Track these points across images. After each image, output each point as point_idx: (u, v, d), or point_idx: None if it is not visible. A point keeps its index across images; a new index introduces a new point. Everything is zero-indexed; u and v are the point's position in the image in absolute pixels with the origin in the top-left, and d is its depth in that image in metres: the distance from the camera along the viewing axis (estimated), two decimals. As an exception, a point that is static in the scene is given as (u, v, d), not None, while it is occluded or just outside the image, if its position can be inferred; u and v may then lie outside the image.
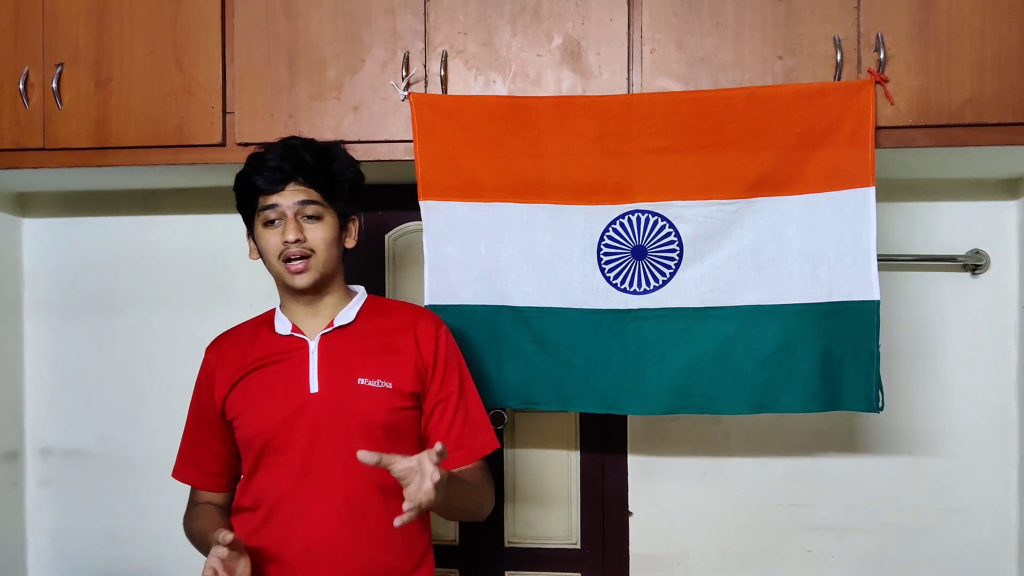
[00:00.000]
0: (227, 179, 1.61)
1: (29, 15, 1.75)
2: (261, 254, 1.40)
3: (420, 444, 1.42)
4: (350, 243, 1.45)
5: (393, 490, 1.31)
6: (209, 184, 2.05)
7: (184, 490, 1.51)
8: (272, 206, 1.35)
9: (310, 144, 1.40)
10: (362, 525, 1.32)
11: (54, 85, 1.72)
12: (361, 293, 1.47)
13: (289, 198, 1.35)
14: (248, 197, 1.39)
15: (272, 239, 1.36)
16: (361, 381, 1.36)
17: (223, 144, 1.72)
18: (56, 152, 1.75)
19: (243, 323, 1.50)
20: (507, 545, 2.09)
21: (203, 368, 1.46)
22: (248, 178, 1.37)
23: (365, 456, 1.15)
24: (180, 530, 1.47)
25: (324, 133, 1.68)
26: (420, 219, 1.69)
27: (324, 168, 1.38)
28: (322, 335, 1.39)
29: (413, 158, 1.66)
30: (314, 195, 1.36)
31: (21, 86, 1.73)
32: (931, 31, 1.58)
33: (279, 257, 1.36)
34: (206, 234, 2.15)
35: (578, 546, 2.08)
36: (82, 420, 2.19)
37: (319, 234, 1.36)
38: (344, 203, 1.41)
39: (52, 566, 2.21)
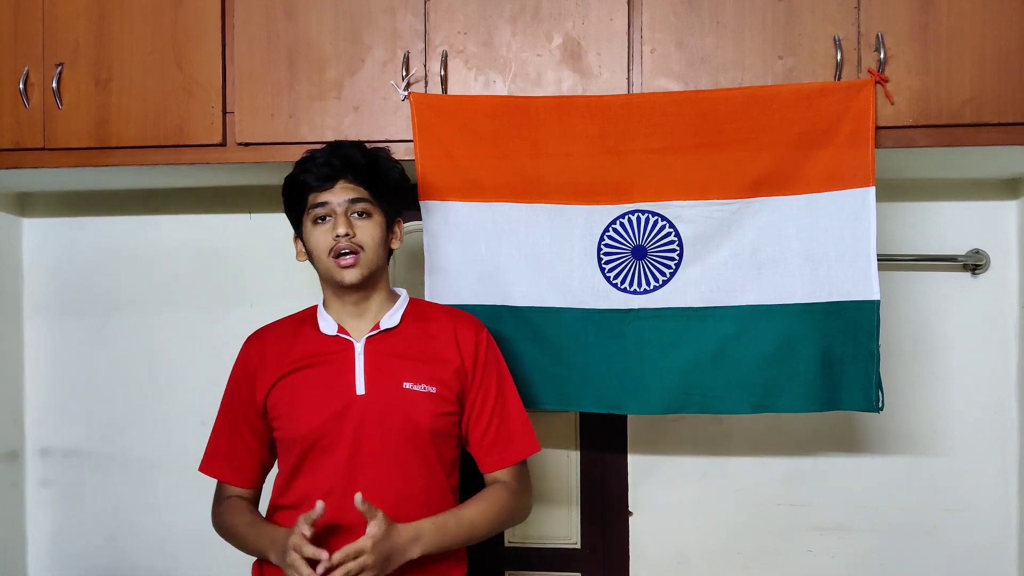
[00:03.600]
0: (227, 179, 1.62)
1: (29, 15, 1.75)
2: (310, 252, 1.41)
3: (459, 448, 1.45)
4: (396, 244, 1.46)
5: (436, 492, 1.37)
6: (209, 184, 2.05)
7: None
8: (322, 203, 1.37)
9: (358, 144, 1.42)
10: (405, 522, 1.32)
11: (54, 85, 1.72)
12: (404, 296, 1.48)
13: (340, 195, 1.36)
14: (298, 197, 1.40)
15: (322, 236, 1.37)
16: (407, 385, 1.37)
17: (223, 144, 1.72)
18: (56, 152, 1.75)
19: (284, 319, 1.49)
20: (507, 545, 2.09)
21: (242, 362, 1.45)
22: (297, 178, 1.39)
23: (360, 502, 1.24)
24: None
25: (324, 133, 1.69)
26: (420, 219, 1.69)
27: (372, 167, 1.39)
28: (368, 337, 1.40)
29: (413, 158, 1.66)
30: (363, 193, 1.38)
31: (21, 86, 1.73)
32: (931, 31, 1.58)
33: (329, 253, 1.36)
34: (206, 234, 2.15)
35: (578, 546, 2.08)
36: (82, 420, 2.19)
37: (369, 231, 1.38)
38: (390, 203, 1.43)
39: (52, 566, 2.21)
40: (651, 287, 1.65)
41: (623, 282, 1.66)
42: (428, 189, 1.67)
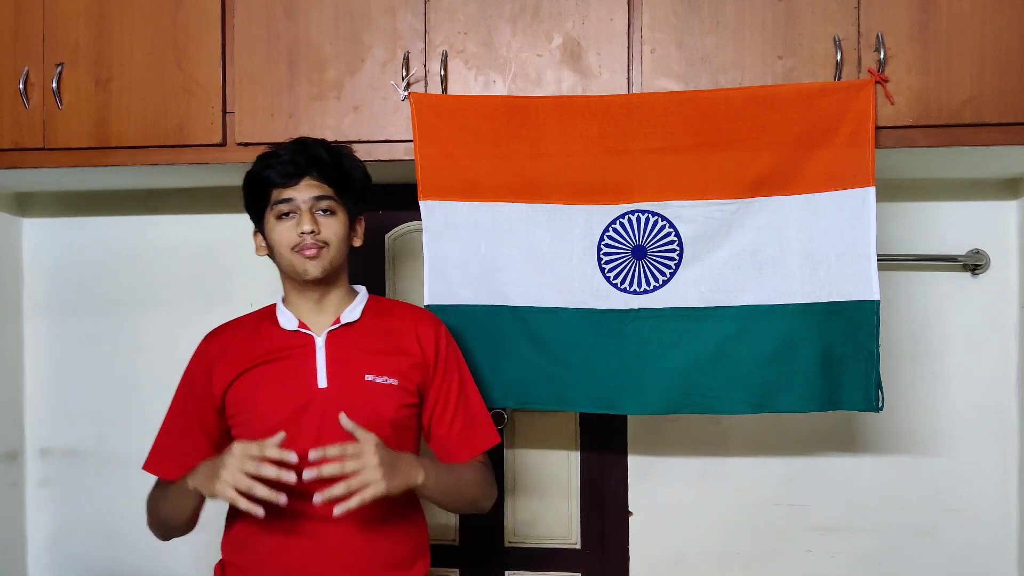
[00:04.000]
0: (227, 179, 1.62)
1: (29, 15, 1.75)
2: (272, 248, 1.40)
3: (420, 440, 1.46)
4: (357, 242, 1.47)
5: None
6: (209, 184, 2.05)
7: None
8: (287, 200, 1.37)
9: (322, 142, 1.43)
10: (368, 517, 1.33)
11: (54, 85, 1.72)
12: (363, 292, 1.49)
13: (304, 192, 1.37)
14: (260, 192, 1.39)
15: (286, 232, 1.37)
16: (368, 377, 1.38)
17: (223, 144, 1.72)
18: (56, 152, 1.75)
19: (243, 316, 1.49)
20: (507, 545, 2.09)
21: (199, 359, 1.44)
22: (260, 173, 1.39)
23: (346, 421, 1.24)
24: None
25: (324, 133, 1.68)
26: (420, 219, 1.69)
27: (336, 165, 1.40)
28: (329, 331, 1.41)
29: (413, 158, 1.66)
30: (328, 191, 1.38)
31: (21, 86, 1.73)
32: (931, 31, 1.58)
33: (293, 248, 1.37)
34: (206, 234, 2.15)
35: (578, 546, 2.08)
36: (82, 420, 2.19)
37: (333, 228, 1.39)
38: (353, 201, 1.44)
39: (52, 566, 2.22)
40: (651, 287, 1.65)
41: (623, 282, 1.66)
42: (428, 189, 1.67)
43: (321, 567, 1.33)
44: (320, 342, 1.39)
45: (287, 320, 1.42)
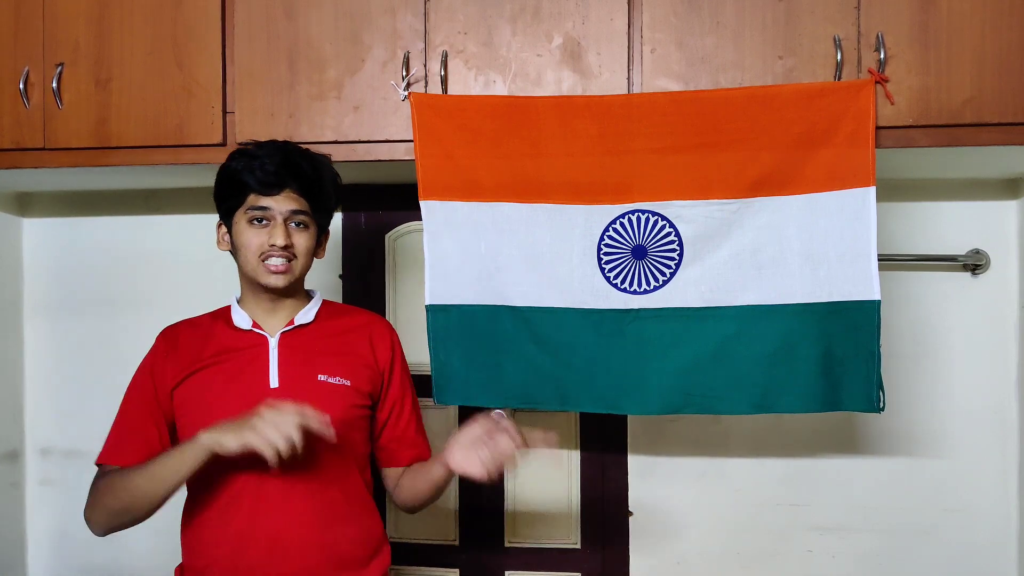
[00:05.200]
0: (227, 179, 1.61)
1: (29, 15, 1.75)
2: (238, 248, 1.40)
3: (370, 443, 1.48)
4: (321, 254, 1.48)
5: (349, 482, 1.40)
6: (209, 184, 2.03)
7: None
8: (263, 208, 1.37)
9: (305, 153, 1.42)
10: (322, 516, 1.35)
11: (54, 85, 1.72)
12: (318, 296, 1.50)
13: (283, 204, 1.37)
14: (236, 192, 1.39)
15: (256, 237, 1.37)
16: (321, 378, 1.39)
17: (223, 144, 1.72)
18: (56, 152, 1.76)
19: (198, 316, 1.49)
20: (507, 545, 2.09)
21: (152, 354, 1.43)
22: (239, 175, 1.37)
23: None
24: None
25: (324, 132, 1.69)
26: (420, 219, 1.69)
27: (316, 180, 1.40)
28: (282, 333, 1.41)
29: (413, 158, 1.66)
30: (304, 205, 1.39)
31: (21, 86, 1.73)
32: (931, 31, 1.58)
33: (260, 255, 1.37)
34: (207, 234, 2.13)
35: (578, 546, 2.08)
36: (82, 420, 2.19)
37: (303, 242, 1.40)
38: (325, 216, 1.45)
39: (52, 566, 2.22)
40: (651, 287, 1.65)
41: (623, 282, 1.66)
42: (428, 189, 1.67)
43: (280, 567, 1.33)
44: (273, 343, 1.40)
45: (241, 319, 1.42)
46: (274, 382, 1.37)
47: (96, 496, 1.36)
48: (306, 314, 1.44)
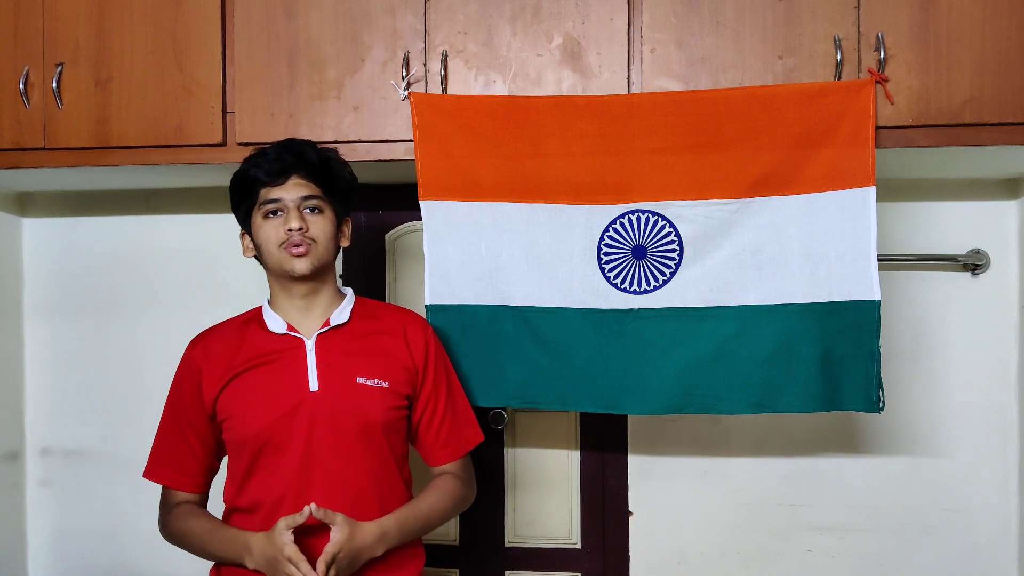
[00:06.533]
0: (227, 179, 1.61)
1: (29, 15, 1.75)
2: (259, 247, 1.40)
3: (408, 442, 1.47)
4: (344, 242, 1.47)
5: (389, 485, 1.39)
6: (209, 184, 2.05)
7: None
8: (274, 199, 1.37)
9: (309, 143, 1.44)
10: (360, 518, 1.33)
11: (54, 85, 1.72)
12: (351, 294, 1.49)
13: (292, 192, 1.37)
14: (247, 192, 1.39)
15: (273, 230, 1.37)
16: (360, 380, 1.38)
17: (223, 144, 1.72)
18: (56, 152, 1.76)
19: (227, 321, 1.49)
20: (507, 545, 2.09)
21: (186, 366, 1.44)
22: (247, 173, 1.39)
23: (316, 510, 1.27)
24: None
25: (324, 132, 1.69)
26: (420, 219, 1.69)
27: (323, 164, 1.41)
28: (319, 334, 1.40)
29: (413, 158, 1.66)
30: (315, 190, 1.39)
31: (21, 86, 1.73)
32: (931, 31, 1.58)
33: (280, 246, 1.37)
34: (206, 234, 2.15)
35: (578, 546, 2.08)
36: (82, 420, 2.19)
37: (321, 226, 1.39)
38: (340, 202, 1.44)
39: (52, 566, 2.21)
40: (651, 287, 1.65)
41: (623, 282, 1.66)
42: (428, 189, 1.67)
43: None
44: (310, 345, 1.39)
45: (275, 323, 1.41)
46: (314, 385, 1.36)
47: (165, 529, 1.44)
48: (341, 313, 1.43)
